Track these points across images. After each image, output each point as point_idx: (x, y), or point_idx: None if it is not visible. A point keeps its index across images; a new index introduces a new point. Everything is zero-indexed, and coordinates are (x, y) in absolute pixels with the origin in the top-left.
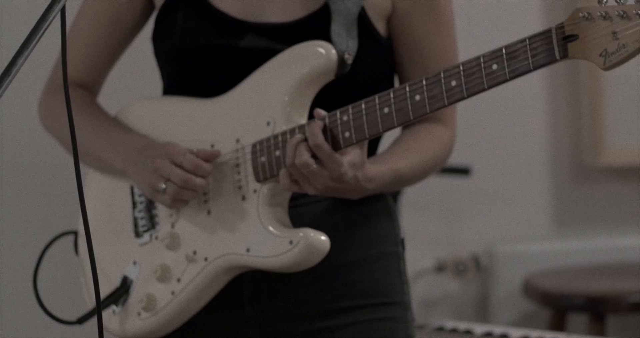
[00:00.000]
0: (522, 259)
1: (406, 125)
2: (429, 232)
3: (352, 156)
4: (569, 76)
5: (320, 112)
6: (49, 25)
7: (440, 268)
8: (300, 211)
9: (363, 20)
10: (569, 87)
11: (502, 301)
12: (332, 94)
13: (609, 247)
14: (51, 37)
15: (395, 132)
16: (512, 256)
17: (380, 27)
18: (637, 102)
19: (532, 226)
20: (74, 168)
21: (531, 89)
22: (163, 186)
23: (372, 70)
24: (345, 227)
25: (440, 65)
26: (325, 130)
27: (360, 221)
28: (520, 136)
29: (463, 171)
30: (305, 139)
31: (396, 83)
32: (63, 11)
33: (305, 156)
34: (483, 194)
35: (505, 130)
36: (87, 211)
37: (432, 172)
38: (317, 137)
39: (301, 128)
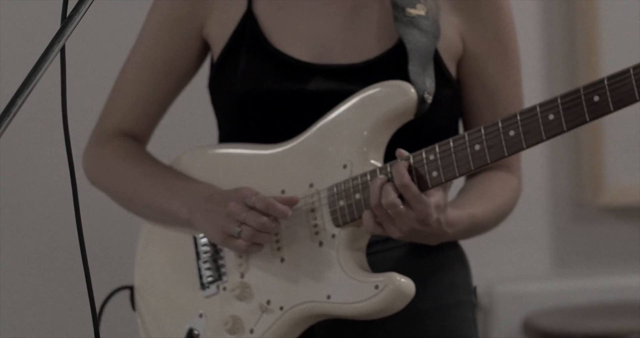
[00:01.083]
0: (522, 298)
1: (472, 173)
2: None
3: (436, 198)
4: None
5: (403, 152)
6: (49, 65)
7: None
8: (374, 258)
9: (436, 61)
10: None
11: None
12: (402, 137)
13: (609, 286)
14: (51, 77)
15: None
16: (511, 295)
17: (452, 69)
18: (637, 142)
19: (532, 266)
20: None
21: None
22: (238, 229)
23: (445, 112)
24: (421, 275)
25: (509, 108)
26: (410, 170)
27: (435, 268)
28: None
29: None
30: (389, 180)
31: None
32: (63, 51)
33: (392, 196)
34: None
35: None
36: (149, 265)
37: (502, 220)
38: (404, 177)
39: (382, 169)
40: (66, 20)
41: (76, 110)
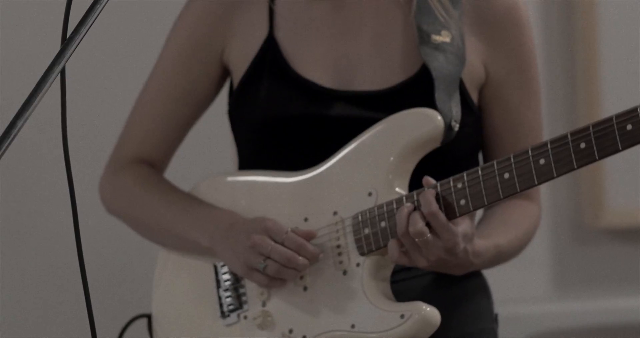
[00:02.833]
0: (522, 320)
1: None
2: None
3: (464, 227)
4: None
5: (430, 180)
6: (49, 87)
7: None
8: (398, 287)
9: (460, 88)
10: None
11: None
12: (426, 165)
13: (610, 308)
14: (51, 99)
15: None
16: (511, 317)
17: (474, 96)
18: (637, 164)
19: (532, 287)
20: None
21: None
22: (263, 264)
23: (468, 140)
24: (445, 304)
25: (529, 136)
26: (438, 198)
27: (459, 297)
28: None
29: None
30: (416, 208)
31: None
32: (63, 73)
33: (420, 225)
34: None
35: None
36: (167, 292)
37: (523, 249)
38: (432, 205)
39: (409, 197)
40: (66, 41)
41: (76, 132)
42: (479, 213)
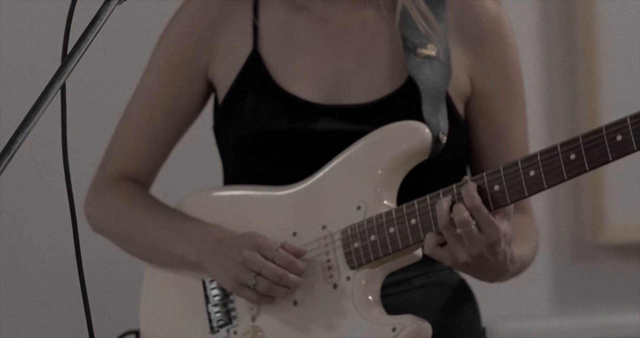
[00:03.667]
0: (522, 336)
1: None
2: None
3: (505, 225)
4: None
5: (465, 177)
6: (49, 102)
7: None
8: (388, 301)
9: (447, 101)
10: None
11: None
12: (412, 177)
13: (610, 325)
14: (52, 115)
15: None
16: (511, 334)
17: (461, 108)
18: (637, 180)
19: (532, 303)
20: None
21: None
22: (254, 280)
23: (455, 152)
24: (435, 317)
25: (518, 148)
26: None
27: (448, 310)
28: None
29: None
30: (453, 203)
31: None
32: (63, 88)
33: (465, 213)
34: None
35: None
36: (155, 308)
37: (531, 263)
38: (475, 198)
39: (398, 210)
40: (67, 57)
41: (77, 148)
42: None
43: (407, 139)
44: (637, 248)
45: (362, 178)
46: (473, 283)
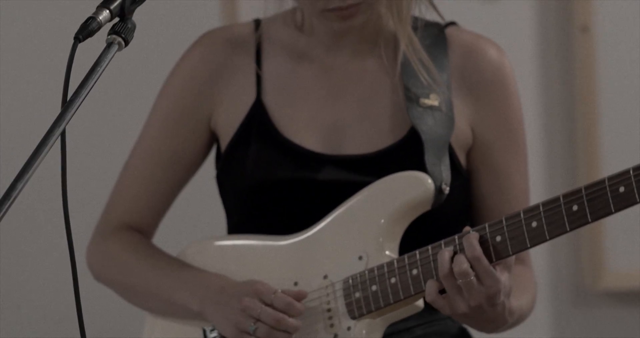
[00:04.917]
0: None
1: None
2: None
3: (504, 278)
4: None
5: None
6: (49, 149)
7: None
8: None
9: (449, 151)
10: None
11: None
12: (414, 228)
13: None
14: (51, 162)
15: None
16: None
17: (462, 158)
18: (637, 227)
19: None
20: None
21: None
22: (253, 326)
23: (458, 203)
24: None
25: (518, 198)
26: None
27: None
28: None
29: None
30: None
31: None
32: (63, 135)
33: (465, 265)
34: None
35: None
36: None
37: (529, 315)
38: (476, 249)
39: (400, 260)
40: (67, 104)
41: (77, 195)
42: None
43: (410, 190)
44: (637, 294)
45: (364, 228)
46: (474, 331)
